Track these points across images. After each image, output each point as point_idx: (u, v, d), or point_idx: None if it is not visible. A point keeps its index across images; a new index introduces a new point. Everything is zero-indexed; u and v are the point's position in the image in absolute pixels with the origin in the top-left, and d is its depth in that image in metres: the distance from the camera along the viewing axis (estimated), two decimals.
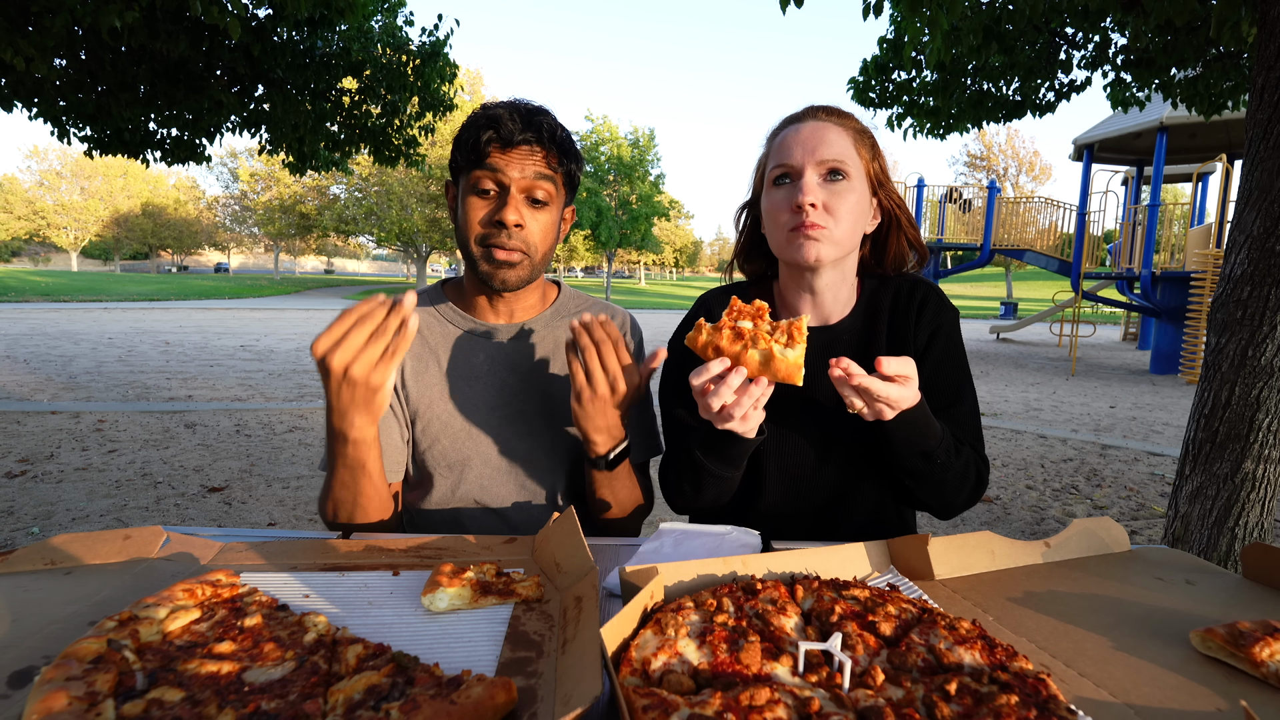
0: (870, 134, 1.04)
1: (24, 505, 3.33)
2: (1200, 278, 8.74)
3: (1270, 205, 1.99)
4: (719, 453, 0.96)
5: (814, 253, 0.98)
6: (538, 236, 1.06)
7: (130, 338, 11.20)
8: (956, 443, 0.98)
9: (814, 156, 0.97)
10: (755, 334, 0.82)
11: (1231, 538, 2.11)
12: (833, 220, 0.97)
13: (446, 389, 1.12)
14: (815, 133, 0.98)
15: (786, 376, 0.81)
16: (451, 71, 6.14)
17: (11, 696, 0.50)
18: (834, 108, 1.04)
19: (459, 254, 1.14)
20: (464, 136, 1.04)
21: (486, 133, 1.01)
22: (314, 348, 0.82)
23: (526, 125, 1.02)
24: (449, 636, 0.63)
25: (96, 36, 4.24)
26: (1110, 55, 3.81)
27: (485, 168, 1.02)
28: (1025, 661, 0.55)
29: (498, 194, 1.04)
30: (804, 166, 0.97)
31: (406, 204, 32.09)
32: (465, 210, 1.05)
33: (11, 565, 0.72)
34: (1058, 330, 16.64)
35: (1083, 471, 4.44)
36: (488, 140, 1.01)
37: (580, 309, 1.21)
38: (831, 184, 0.97)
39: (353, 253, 71.16)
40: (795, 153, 0.98)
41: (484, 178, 1.03)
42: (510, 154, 1.02)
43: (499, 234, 1.03)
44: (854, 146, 1.00)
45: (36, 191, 44.26)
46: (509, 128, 1.01)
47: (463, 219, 1.06)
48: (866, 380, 0.82)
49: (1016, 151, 40.84)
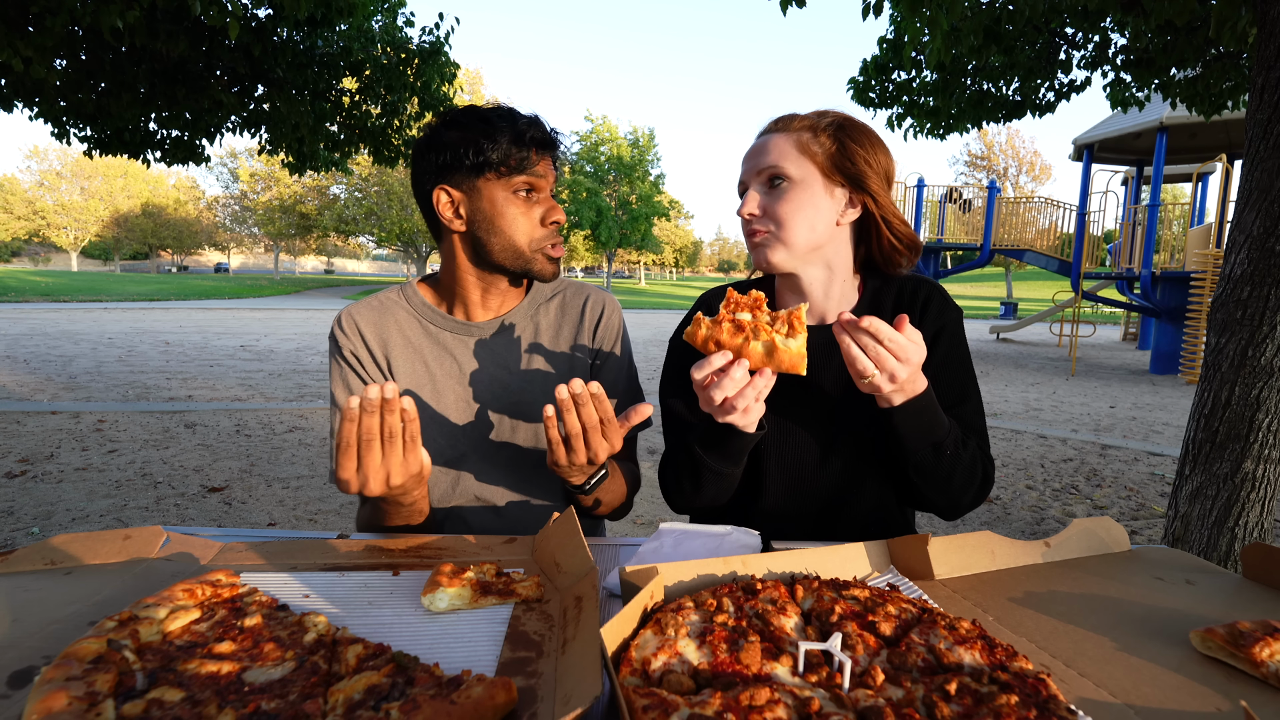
0: (833, 127, 1.02)
1: (24, 505, 3.33)
2: (1200, 278, 8.74)
3: (1270, 205, 1.99)
4: (719, 448, 0.96)
5: (762, 257, 1.03)
6: None
7: (130, 338, 11.20)
8: (963, 436, 0.98)
9: (754, 169, 1.03)
10: (755, 325, 0.83)
11: (1231, 538, 2.11)
12: (774, 224, 1.01)
13: (435, 387, 1.12)
14: (758, 148, 1.04)
15: (791, 366, 0.81)
16: (451, 71, 6.14)
17: (11, 696, 0.50)
18: (786, 116, 1.06)
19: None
20: (498, 140, 1.03)
21: (529, 140, 1.04)
22: (342, 485, 0.82)
23: (548, 136, 1.07)
24: (449, 636, 0.63)
25: (96, 36, 4.24)
26: (1110, 55, 3.82)
27: (529, 172, 1.05)
28: (1025, 661, 0.55)
29: (538, 196, 1.08)
30: (748, 181, 1.04)
31: (406, 204, 32.10)
32: (508, 214, 1.06)
33: (11, 565, 0.72)
34: (1058, 330, 16.64)
35: (1083, 471, 4.44)
36: (532, 147, 1.04)
37: (554, 293, 1.22)
38: (772, 190, 1.01)
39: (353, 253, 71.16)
40: (742, 170, 1.06)
41: (525, 182, 1.06)
42: (543, 161, 1.07)
43: (556, 235, 1.10)
44: (796, 149, 1.00)
45: (36, 191, 44.25)
46: (543, 137, 1.06)
47: (508, 222, 1.07)
48: (874, 324, 0.81)
49: (1017, 151, 40.85)
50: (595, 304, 1.20)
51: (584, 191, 31.21)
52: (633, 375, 1.23)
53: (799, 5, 2.68)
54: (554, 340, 1.18)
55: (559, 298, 1.21)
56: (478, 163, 1.04)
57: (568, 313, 1.20)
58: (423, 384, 1.12)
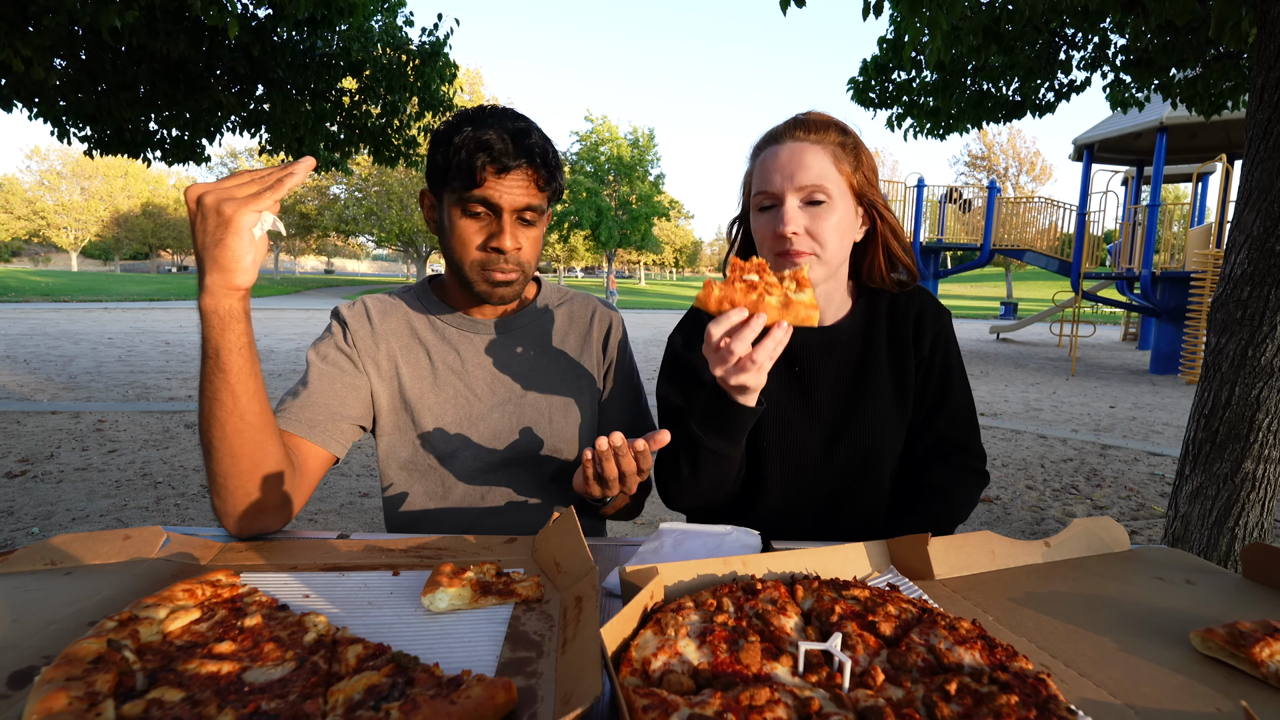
0: (853, 143, 1.02)
1: (24, 505, 3.33)
2: (1200, 278, 8.74)
3: (1270, 205, 1.99)
4: (719, 425, 0.95)
5: None
6: (530, 254, 1.07)
7: (130, 338, 11.19)
8: (965, 487, 1.08)
9: (793, 183, 0.98)
10: (765, 283, 0.84)
11: (1231, 538, 2.11)
12: (817, 244, 0.99)
13: (436, 381, 1.12)
14: (794, 157, 0.98)
15: (805, 318, 0.83)
16: (451, 72, 6.15)
17: (11, 696, 0.50)
18: (813, 120, 1.02)
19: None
20: (452, 156, 0.99)
21: (479, 157, 0.97)
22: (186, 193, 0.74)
23: (519, 150, 0.99)
24: (449, 636, 0.63)
25: (96, 36, 4.24)
26: (1110, 55, 3.82)
27: (477, 193, 0.99)
28: (1025, 661, 0.55)
29: (490, 217, 1.02)
30: (784, 193, 0.98)
31: (406, 204, 32.12)
32: (456, 230, 1.03)
33: (11, 565, 0.72)
34: (1058, 330, 16.63)
35: (1083, 471, 4.44)
36: (481, 165, 0.97)
37: (561, 301, 1.23)
38: (812, 208, 0.98)
39: (353, 253, 71.18)
40: (775, 179, 0.99)
41: (477, 198, 1.00)
42: (504, 179, 0.99)
43: (497, 260, 1.03)
44: (833, 164, 0.99)
45: (37, 191, 44.24)
46: (501, 153, 0.97)
47: (455, 239, 1.04)
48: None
49: (1018, 151, 40.84)
50: (602, 318, 1.22)
51: (584, 191, 31.23)
52: (639, 387, 1.25)
53: (799, 5, 2.68)
54: (561, 344, 1.19)
55: (566, 305, 1.23)
56: (442, 173, 1.02)
57: (575, 322, 1.21)
58: (424, 375, 1.12)
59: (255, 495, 0.85)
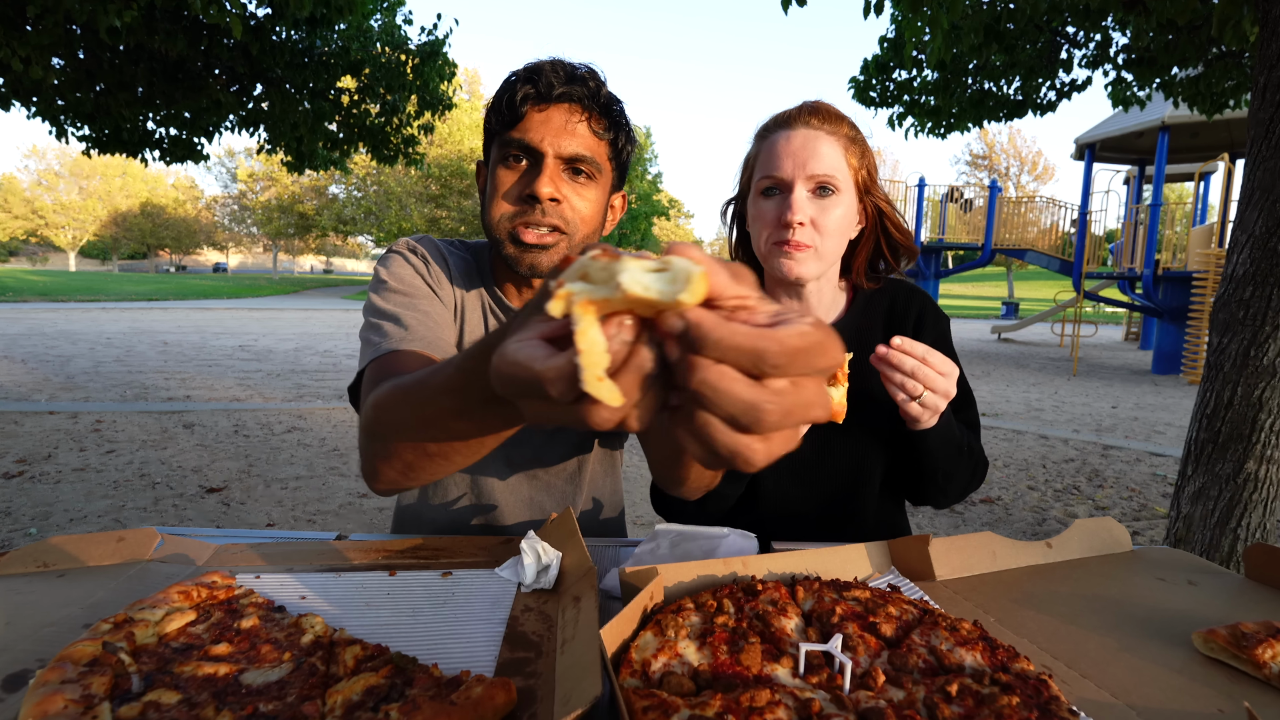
0: (861, 136, 1.01)
1: (21, 506, 3.33)
2: (1202, 277, 8.74)
3: (1273, 205, 1.99)
4: (728, 475, 0.96)
5: (797, 270, 0.96)
6: (576, 214, 0.89)
7: (128, 338, 11.19)
8: (963, 427, 1.02)
9: (804, 170, 0.94)
10: None
11: (1234, 538, 2.11)
12: (819, 237, 0.96)
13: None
14: (807, 144, 0.95)
15: (834, 414, 0.79)
16: (450, 70, 6.15)
17: (6, 700, 0.50)
18: (828, 109, 1.00)
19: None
20: (498, 95, 0.88)
21: (524, 88, 0.85)
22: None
23: (570, 79, 0.86)
24: (447, 637, 0.62)
25: (95, 36, 4.24)
26: (1111, 54, 3.82)
27: (518, 129, 0.86)
28: (1027, 663, 0.55)
29: (529, 164, 0.88)
30: (794, 181, 0.95)
31: (405, 204, 32.08)
32: (492, 182, 0.89)
33: (4, 568, 0.72)
34: (1059, 330, 16.63)
35: (1084, 472, 4.44)
36: (524, 97, 0.85)
37: None
38: (820, 199, 0.96)
39: (351, 252, 71.11)
40: (785, 165, 0.95)
41: (515, 142, 0.86)
42: (549, 111, 0.86)
43: (530, 210, 0.87)
44: (844, 156, 0.97)
45: (35, 191, 44.27)
46: (548, 80, 0.85)
47: (488, 195, 0.90)
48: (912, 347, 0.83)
49: (1019, 151, 40.83)
50: None
51: None
52: None
53: (800, 4, 2.68)
54: None
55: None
56: (491, 124, 0.90)
57: None
58: (452, 340, 0.97)
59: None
